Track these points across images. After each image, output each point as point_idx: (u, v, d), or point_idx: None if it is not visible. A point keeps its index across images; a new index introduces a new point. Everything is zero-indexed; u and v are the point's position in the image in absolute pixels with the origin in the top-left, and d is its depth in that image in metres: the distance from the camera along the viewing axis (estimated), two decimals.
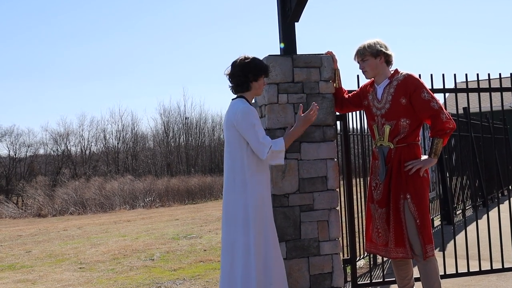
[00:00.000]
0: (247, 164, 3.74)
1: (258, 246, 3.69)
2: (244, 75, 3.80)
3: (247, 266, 3.67)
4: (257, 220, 3.71)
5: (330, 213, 4.44)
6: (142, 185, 25.36)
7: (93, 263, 7.52)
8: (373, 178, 4.26)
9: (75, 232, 12.44)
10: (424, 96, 4.03)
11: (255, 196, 3.72)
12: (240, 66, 3.81)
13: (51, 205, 22.80)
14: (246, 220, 3.70)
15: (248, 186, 3.72)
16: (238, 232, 3.73)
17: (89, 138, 41.99)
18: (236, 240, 3.73)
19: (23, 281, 6.52)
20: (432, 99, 4.04)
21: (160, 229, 11.60)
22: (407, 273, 4.26)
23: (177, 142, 41.19)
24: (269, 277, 3.71)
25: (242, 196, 3.73)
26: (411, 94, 4.05)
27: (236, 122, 3.71)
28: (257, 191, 3.73)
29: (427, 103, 4.02)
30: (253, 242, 3.67)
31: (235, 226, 3.74)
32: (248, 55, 3.85)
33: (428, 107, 4.02)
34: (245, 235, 3.70)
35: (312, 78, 4.46)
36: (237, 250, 3.72)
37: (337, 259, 4.45)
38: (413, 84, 4.07)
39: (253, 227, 3.69)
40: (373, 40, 4.21)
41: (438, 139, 4.05)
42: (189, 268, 6.74)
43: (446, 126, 4.02)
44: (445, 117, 4.02)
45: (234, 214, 3.75)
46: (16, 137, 41.90)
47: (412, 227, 4.00)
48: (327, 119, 4.47)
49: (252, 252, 3.66)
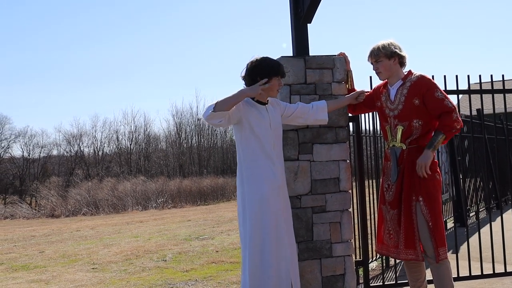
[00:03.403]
0: (243, 157, 3.78)
1: (254, 239, 3.65)
2: (252, 78, 3.76)
3: (244, 258, 3.72)
4: (253, 213, 3.68)
5: (343, 214, 4.43)
6: (155, 186, 25.44)
7: (106, 263, 7.56)
8: (385, 180, 4.25)
9: (88, 232, 12.51)
10: (437, 95, 4.02)
11: (252, 189, 3.71)
12: (249, 69, 3.79)
13: (64, 205, 22.94)
14: (244, 212, 3.74)
15: (245, 179, 3.75)
16: (239, 224, 3.82)
17: (102, 139, 42.28)
18: (240, 232, 3.82)
19: (37, 281, 6.57)
20: (446, 98, 4.03)
21: (173, 230, 11.63)
22: (419, 275, 4.24)
23: (190, 143, 41.26)
24: (267, 272, 3.64)
25: (241, 188, 3.79)
26: (424, 94, 4.03)
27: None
28: (253, 184, 3.72)
29: (441, 101, 4.01)
30: (248, 235, 3.67)
31: (239, 217, 3.82)
32: (258, 57, 3.81)
33: (442, 105, 4.00)
34: (243, 226, 3.75)
35: (325, 79, 4.45)
36: (242, 241, 3.78)
37: (349, 260, 4.44)
38: (426, 85, 4.06)
39: (249, 219, 3.68)
40: (387, 41, 4.18)
41: (442, 134, 4.01)
42: (201, 269, 6.75)
43: (454, 125, 3.99)
44: (456, 116, 4.01)
45: (239, 205, 3.82)
46: (30, 138, 42.35)
47: (424, 229, 3.97)
48: (340, 121, 4.46)
49: (248, 245, 3.66)
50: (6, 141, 42.06)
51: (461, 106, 15.76)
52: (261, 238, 3.67)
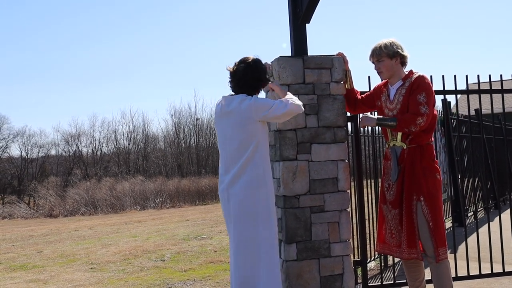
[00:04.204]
0: (265, 156, 3.81)
1: (277, 241, 3.83)
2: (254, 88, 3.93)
3: (271, 263, 3.72)
4: (273, 215, 3.80)
5: (341, 214, 4.43)
6: (153, 186, 25.42)
7: (104, 263, 7.55)
8: (386, 179, 4.24)
9: (86, 232, 12.50)
10: (419, 98, 3.97)
11: (272, 190, 3.83)
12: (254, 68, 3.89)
13: (62, 205, 22.91)
14: (268, 214, 3.75)
15: (268, 179, 3.80)
16: (258, 226, 3.73)
17: (100, 139, 42.25)
18: (257, 236, 3.73)
19: (35, 281, 6.57)
20: (425, 104, 3.95)
21: (171, 230, 11.63)
22: (418, 275, 4.24)
23: (188, 143, 41.21)
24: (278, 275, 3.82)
25: (262, 190, 3.75)
26: (412, 92, 4.02)
27: (255, 109, 3.73)
28: (272, 185, 3.84)
29: (418, 104, 3.96)
30: (275, 237, 3.79)
31: (254, 221, 3.73)
32: (248, 60, 3.89)
33: (416, 107, 3.95)
34: (269, 229, 3.75)
35: (323, 79, 4.45)
36: (258, 245, 3.72)
37: (347, 260, 4.44)
38: (418, 84, 4.03)
39: (274, 221, 3.80)
40: (388, 40, 4.17)
41: (395, 123, 4.00)
42: (200, 269, 6.75)
43: (410, 126, 3.94)
44: (419, 122, 3.93)
45: (254, 209, 3.73)
46: (28, 138, 42.30)
47: (425, 229, 3.97)
48: (338, 121, 4.46)
49: (275, 247, 3.76)
50: (4, 141, 42.05)
51: (460, 106, 15.78)
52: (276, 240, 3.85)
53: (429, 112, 3.96)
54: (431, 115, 4.02)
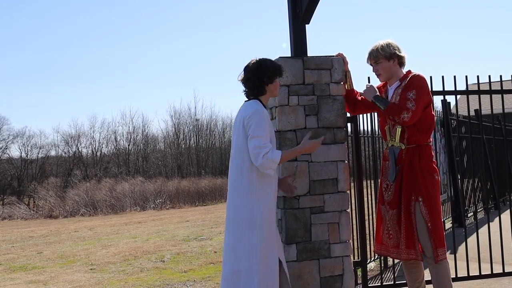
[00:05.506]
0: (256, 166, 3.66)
1: (265, 250, 3.63)
2: (259, 78, 3.74)
3: (249, 271, 3.60)
4: (265, 224, 3.65)
5: (341, 215, 4.43)
6: (153, 186, 25.43)
7: (104, 264, 7.55)
8: (384, 180, 4.25)
9: (86, 233, 12.50)
10: (408, 94, 3.99)
11: (263, 199, 3.65)
12: (254, 70, 3.75)
13: (62, 206, 22.89)
14: (253, 223, 3.63)
15: (256, 188, 3.64)
16: (242, 234, 3.65)
17: (100, 140, 42.21)
18: (239, 243, 3.66)
19: (35, 282, 6.57)
20: (413, 101, 3.95)
21: (171, 231, 11.63)
22: (418, 276, 4.24)
23: (188, 144, 41.22)
24: (274, 280, 3.66)
25: (249, 198, 3.65)
26: (404, 90, 4.03)
27: (247, 121, 3.62)
28: (265, 194, 3.66)
29: (405, 100, 3.97)
30: (259, 245, 3.61)
31: (239, 229, 3.67)
32: (258, 58, 3.81)
33: (403, 102, 3.97)
34: (249, 238, 3.62)
35: (323, 80, 4.45)
36: (240, 253, 3.65)
37: (347, 261, 4.44)
38: (411, 83, 4.04)
39: (260, 230, 3.62)
40: (385, 41, 4.17)
41: (385, 106, 4.06)
42: (200, 269, 6.75)
43: (394, 115, 3.98)
44: (404, 117, 3.94)
45: (240, 216, 3.67)
46: (28, 138, 42.26)
47: (423, 230, 3.97)
48: (338, 121, 4.46)
49: (258, 256, 3.60)
50: (4, 142, 42.01)
51: (459, 106, 15.79)
52: (271, 249, 3.68)
53: (416, 109, 3.94)
54: (419, 113, 3.98)
